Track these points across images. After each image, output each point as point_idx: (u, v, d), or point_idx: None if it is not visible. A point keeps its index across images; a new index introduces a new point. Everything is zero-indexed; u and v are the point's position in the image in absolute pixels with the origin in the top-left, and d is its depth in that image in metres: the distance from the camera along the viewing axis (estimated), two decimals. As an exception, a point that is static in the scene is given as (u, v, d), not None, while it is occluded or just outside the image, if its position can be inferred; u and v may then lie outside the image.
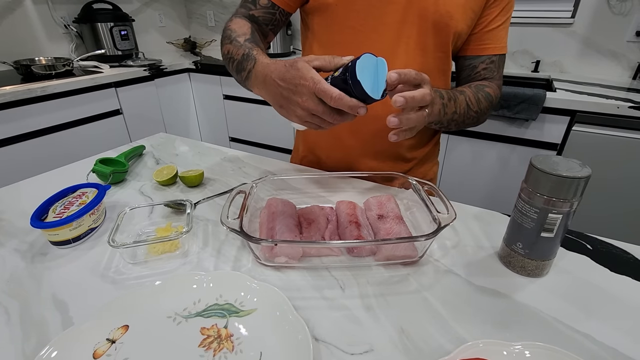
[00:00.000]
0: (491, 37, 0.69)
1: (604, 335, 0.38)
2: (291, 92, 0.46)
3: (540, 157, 0.42)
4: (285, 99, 0.47)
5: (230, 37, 0.62)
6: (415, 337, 0.38)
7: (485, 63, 0.71)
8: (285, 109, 0.48)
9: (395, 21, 0.64)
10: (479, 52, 0.70)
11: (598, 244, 0.53)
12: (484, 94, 0.69)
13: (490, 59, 0.71)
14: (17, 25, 1.81)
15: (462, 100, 0.64)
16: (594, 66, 1.75)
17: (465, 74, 0.74)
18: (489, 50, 0.70)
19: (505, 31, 0.70)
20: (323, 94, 0.43)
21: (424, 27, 0.64)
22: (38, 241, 0.52)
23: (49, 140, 1.56)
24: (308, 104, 0.44)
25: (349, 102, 0.42)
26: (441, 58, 0.69)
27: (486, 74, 0.72)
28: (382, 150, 0.76)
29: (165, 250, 0.49)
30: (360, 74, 0.41)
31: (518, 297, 0.43)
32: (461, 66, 0.75)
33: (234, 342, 0.36)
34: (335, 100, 0.42)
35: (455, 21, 0.64)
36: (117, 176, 0.69)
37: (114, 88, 1.76)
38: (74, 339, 0.35)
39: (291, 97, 0.46)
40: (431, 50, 0.67)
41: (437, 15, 0.63)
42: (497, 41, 0.69)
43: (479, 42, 0.70)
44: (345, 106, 0.42)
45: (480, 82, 0.71)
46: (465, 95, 0.65)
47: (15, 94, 1.40)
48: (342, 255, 0.50)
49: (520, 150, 1.50)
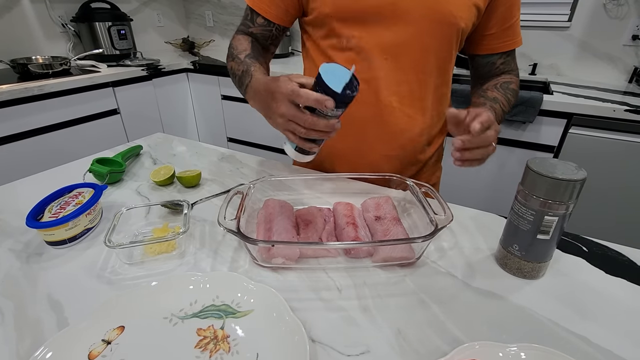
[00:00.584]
0: (510, 33, 0.70)
1: (600, 337, 0.38)
2: (271, 99, 0.50)
3: (537, 160, 0.43)
4: (268, 108, 0.52)
5: (232, 54, 0.68)
6: (411, 338, 0.38)
7: (503, 58, 0.73)
8: (270, 119, 0.53)
9: (396, 24, 0.64)
10: (499, 50, 0.72)
11: (594, 247, 0.53)
12: (511, 92, 0.71)
13: (507, 53, 0.73)
14: (14, 23, 1.80)
15: (499, 110, 0.67)
16: (590, 69, 1.76)
17: (484, 70, 0.76)
18: (507, 46, 0.72)
19: (518, 25, 0.71)
20: (295, 96, 0.46)
21: (426, 27, 0.64)
22: (34, 241, 0.52)
23: (46, 139, 1.55)
24: (282, 108, 0.48)
25: (314, 95, 0.44)
26: (444, 57, 0.69)
27: (505, 68, 0.74)
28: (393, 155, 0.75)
29: (162, 251, 0.49)
30: (323, 71, 0.45)
31: (514, 298, 0.43)
32: (479, 63, 0.76)
33: (230, 343, 0.36)
34: (301, 98, 0.45)
35: (459, 20, 0.63)
36: (114, 176, 0.69)
37: (111, 87, 1.75)
38: (69, 340, 0.35)
39: (270, 105, 0.50)
40: (434, 50, 0.67)
41: (440, 15, 0.63)
42: (515, 35, 0.71)
43: (499, 41, 0.71)
44: (311, 100, 0.44)
45: (504, 79, 0.73)
46: (500, 103, 0.68)
47: (12, 93, 1.39)
48: (339, 256, 0.50)
49: (517, 153, 1.51)
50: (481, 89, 0.74)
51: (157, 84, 2.00)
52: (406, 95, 0.69)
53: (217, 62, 2.13)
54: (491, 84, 0.73)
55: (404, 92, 0.69)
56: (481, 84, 0.76)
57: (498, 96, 0.69)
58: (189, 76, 2.20)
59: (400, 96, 0.69)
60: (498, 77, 0.74)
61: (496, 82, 0.73)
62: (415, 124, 0.72)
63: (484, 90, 0.72)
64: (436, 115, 0.75)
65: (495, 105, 0.66)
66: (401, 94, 0.69)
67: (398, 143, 0.74)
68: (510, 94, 0.71)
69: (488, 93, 0.70)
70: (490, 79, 0.75)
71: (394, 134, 0.72)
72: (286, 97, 0.47)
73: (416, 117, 0.72)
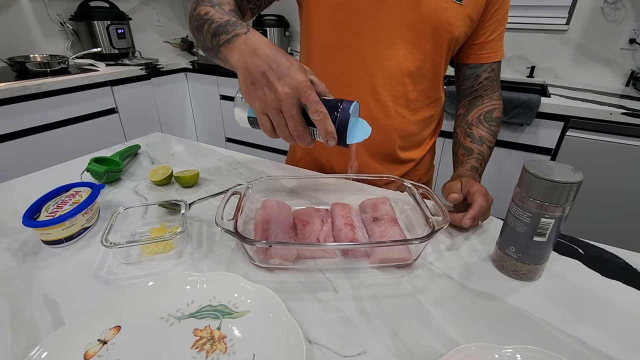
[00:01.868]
0: (492, 45, 0.73)
1: (595, 339, 0.39)
2: (275, 77, 0.41)
3: (534, 162, 0.43)
4: (264, 78, 0.42)
5: (211, 1, 0.56)
6: (408, 339, 0.38)
7: (487, 72, 0.75)
8: (256, 89, 0.43)
9: (395, 25, 0.65)
10: (483, 60, 0.74)
11: (590, 249, 0.53)
12: (495, 122, 0.75)
13: (491, 67, 0.75)
14: (12, 21, 1.79)
15: (486, 150, 0.72)
16: (588, 72, 1.77)
17: (468, 84, 0.78)
18: (491, 57, 0.74)
19: (502, 39, 0.74)
20: (312, 103, 0.40)
21: (423, 31, 0.65)
22: (30, 240, 0.52)
23: (43, 138, 1.54)
24: (285, 98, 0.40)
25: (329, 126, 0.41)
26: (438, 62, 0.70)
27: (487, 84, 0.76)
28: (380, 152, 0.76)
29: (159, 251, 0.49)
30: (352, 112, 0.41)
31: (510, 300, 0.44)
32: (464, 75, 0.78)
33: (227, 343, 0.36)
34: (320, 114, 0.40)
35: (454, 28, 0.65)
36: (112, 175, 0.68)
37: (109, 86, 1.75)
38: (65, 340, 0.35)
39: (272, 81, 0.41)
40: (429, 55, 0.68)
41: (437, 21, 0.64)
42: (498, 49, 0.74)
43: (482, 51, 0.73)
44: (324, 126, 0.41)
45: (487, 107, 0.75)
46: (485, 141, 0.72)
47: (10, 91, 1.38)
48: (337, 257, 0.50)
49: (514, 155, 1.52)
50: (465, 122, 0.76)
51: (156, 84, 2.00)
52: (401, 95, 0.70)
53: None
54: (475, 114, 0.76)
55: (399, 93, 0.70)
56: (466, 109, 0.79)
57: (483, 134, 0.73)
58: (188, 76, 2.20)
59: (395, 96, 0.70)
60: (482, 105, 0.76)
61: (480, 111, 0.75)
62: (409, 124, 0.74)
63: (469, 126, 0.75)
64: (429, 117, 0.77)
65: (480, 156, 0.70)
66: (396, 94, 0.70)
67: (391, 142, 0.75)
68: (495, 125, 0.74)
69: (473, 131, 0.73)
70: (474, 101, 0.78)
71: (388, 133, 0.74)
72: (297, 92, 0.40)
73: (410, 117, 0.73)
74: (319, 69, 0.73)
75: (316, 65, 0.73)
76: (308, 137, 0.43)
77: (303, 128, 0.42)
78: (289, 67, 0.41)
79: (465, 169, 0.68)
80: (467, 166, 0.69)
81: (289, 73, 0.41)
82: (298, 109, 0.41)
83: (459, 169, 0.70)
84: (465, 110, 0.78)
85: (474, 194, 0.56)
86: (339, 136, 0.41)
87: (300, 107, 0.42)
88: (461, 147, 0.74)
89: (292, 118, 0.42)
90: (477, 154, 0.70)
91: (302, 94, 0.40)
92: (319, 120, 0.41)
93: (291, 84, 0.40)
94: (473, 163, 0.69)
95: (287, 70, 0.41)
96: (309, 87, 0.40)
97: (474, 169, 0.68)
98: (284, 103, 0.41)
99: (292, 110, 0.41)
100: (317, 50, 0.73)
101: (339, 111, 0.41)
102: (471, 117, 0.76)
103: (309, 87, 0.41)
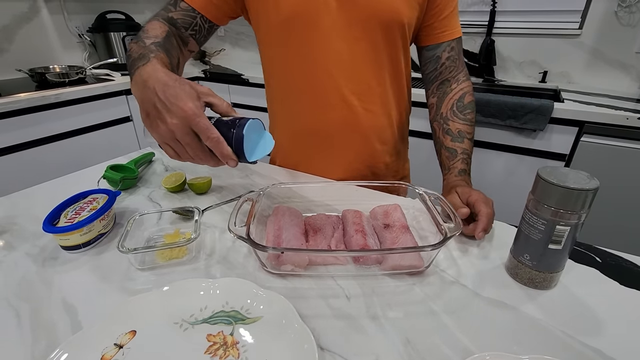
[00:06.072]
0: (447, 23, 0.72)
1: (614, 350, 0.38)
2: (164, 108, 0.43)
3: (548, 169, 0.42)
4: (155, 110, 0.44)
5: (139, 37, 0.59)
6: (420, 348, 0.38)
7: (447, 51, 0.74)
8: (150, 121, 0.45)
9: (337, 27, 0.65)
10: (440, 40, 0.73)
11: (607, 257, 0.52)
12: (470, 108, 0.74)
13: (450, 45, 0.74)
14: (33, 34, 1.86)
15: (468, 145, 0.71)
16: (602, 77, 1.74)
17: (431, 67, 0.76)
18: (447, 36, 0.73)
19: (456, 16, 0.73)
20: (202, 130, 0.42)
21: (370, 25, 0.65)
22: (49, 245, 0.53)
23: (62, 146, 1.59)
24: (175, 129, 0.42)
25: (225, 150, 0.42)
26: (395, 53, 0.70)
27: (450, 65, 0.75)
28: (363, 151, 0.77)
29: (173, 257, 0.50)
30: (247, 131, 0.42)
31: (526, 309, 0.43)
32: (425, 59, 0.77)
33: (239, 349, 0.36)
34: (212, 140, 0.42)
35: (402, 16, 0.65)
36: (127, 182, 0.70)
37: (124, 96, 1.80)
38: (83, 343, 0.36)
39: (162, 113, 0.43)
40: (382, 48, 0.68)
41: (383, 13, 0.64)
42: (453, 26, 0.73)
43: (437, 31, 0.72)
44: (219, 151, 0.42)
45: (457, 93, 0.74)
46: (465, 134, 0.71)
47: (30, 101, 1.44)
48: (348, 264, 0.50)
49: (527, 161, 1.49)
50: (440, 115, 0.75)
51: (169, 92, 2.04)
52: (365, 91, 0.71)
53: (228, 70, 2.17)
54: (447, 106, 0.75)
55: (363, 89, 0.70)
56: (436, 98, 0.77)
57: (461, 128, 0.72)
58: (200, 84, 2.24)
59: (360, 94, 0.71)
60: (451, 92, 0.75)
61: (451, 100, 0.74)
62: (379, 119, 0.74)
63: (445, 121, 0.74)
64: (397, 107, 0.77)
65: (464, 154, 0.70)
66: (360, 92, 0.71)
67: (365, 140, 0.75)
68: (469, 112, 0.73)
69: (451, 126, 0.72)
70: (442, 87, 0.77)
71: (361, 133, 0.74)
72: (186, 122, 0.42)
73: (378, 111, 0.74)
74: (283, 87, 0.74)
75: (281, 84, 0.74)
76: (211, 160, 0.45)
77: (202, 152, 0.44)
78: (176, 96, 0.42)
79: (453, 175, 0.68)
80: (454, 172, 0.68)
81: (176, 102, 0.42)
82: (192, 136, 0.43)
83: (448, 177, 0.69)
84: (437, 100, 0.77)
85: (475, 203, 0.56)
86: (238, 155, 0.42)
87: (196, 134, 0.43)
88: (443, 147, 0.73)
89: (189, 145, 0.43)
90: (460, 154, 0.69)
91: (191, 123, 0.42)
92: (212, 146, 0.42)
93: (178, 114, 0.42)
94: (460, 166, 0.68)
95: (173, 100, 0.42)
96: (197, 115, 0.42)
97: (462, 172, 0.67)
98: (177, 133, 0.43)
99: (186, 138, 0.43)
100: (277, 69, 0.73)
101: (234, 131, 0.42)
102: (444, 109, 0.75)
103: (197, 114, 0.42)
